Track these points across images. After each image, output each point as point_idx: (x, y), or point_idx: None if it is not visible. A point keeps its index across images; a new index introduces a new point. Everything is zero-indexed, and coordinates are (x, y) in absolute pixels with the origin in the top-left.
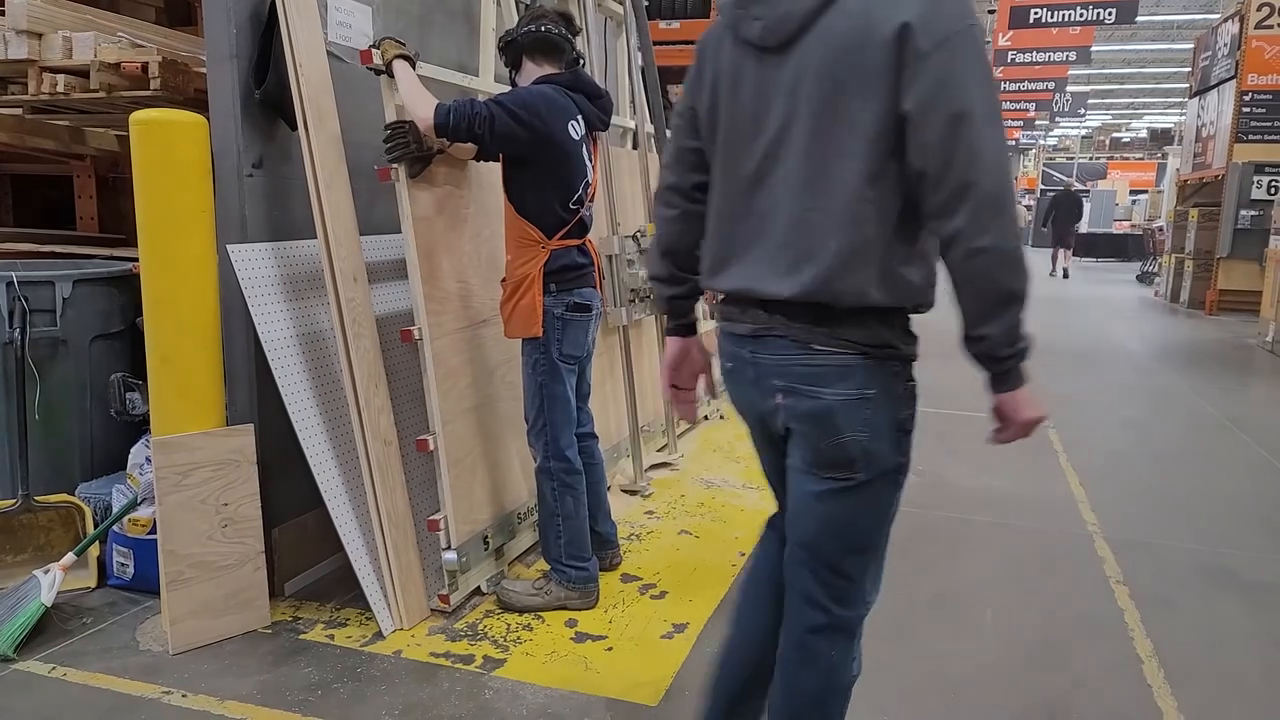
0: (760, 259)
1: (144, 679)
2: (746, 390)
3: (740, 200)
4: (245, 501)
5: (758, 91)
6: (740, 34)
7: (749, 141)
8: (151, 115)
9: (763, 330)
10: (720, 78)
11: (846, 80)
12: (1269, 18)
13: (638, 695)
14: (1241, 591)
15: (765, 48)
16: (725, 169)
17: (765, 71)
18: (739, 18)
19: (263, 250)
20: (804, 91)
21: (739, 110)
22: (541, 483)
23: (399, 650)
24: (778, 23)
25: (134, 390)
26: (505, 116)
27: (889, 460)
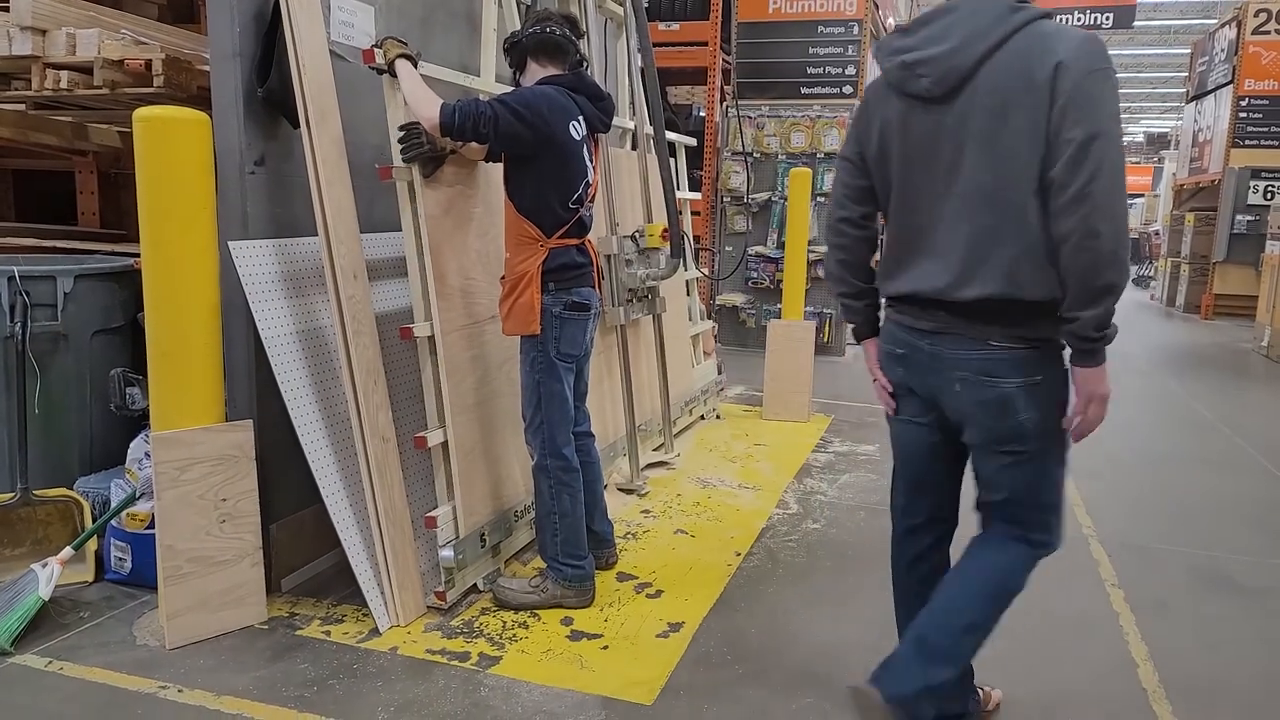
0: (941, 268)
1: (141, 674)
2: (922, 372)
3: (919, 221)
4: (243, 497)
5: (927, 132)
6: (906, 90)
7: (924, 173)
8: (155, 112)
9: (943, 328)
10: (889, 125)
11: (1009, 115)
12: (1266, 23)
13: (633, 694)
14: (1237, 595)
15: (931, 99)
16: (902, 197)
17: (932, 116)
18: (904, 78)
19: (264, 247)
20: (971, 128)
21: (911, 149)
22: (538, 480)
23: (395, 647)
24: (942, 78)
25: (134, 385)
26: (509, 116)
27: (1054, 433)
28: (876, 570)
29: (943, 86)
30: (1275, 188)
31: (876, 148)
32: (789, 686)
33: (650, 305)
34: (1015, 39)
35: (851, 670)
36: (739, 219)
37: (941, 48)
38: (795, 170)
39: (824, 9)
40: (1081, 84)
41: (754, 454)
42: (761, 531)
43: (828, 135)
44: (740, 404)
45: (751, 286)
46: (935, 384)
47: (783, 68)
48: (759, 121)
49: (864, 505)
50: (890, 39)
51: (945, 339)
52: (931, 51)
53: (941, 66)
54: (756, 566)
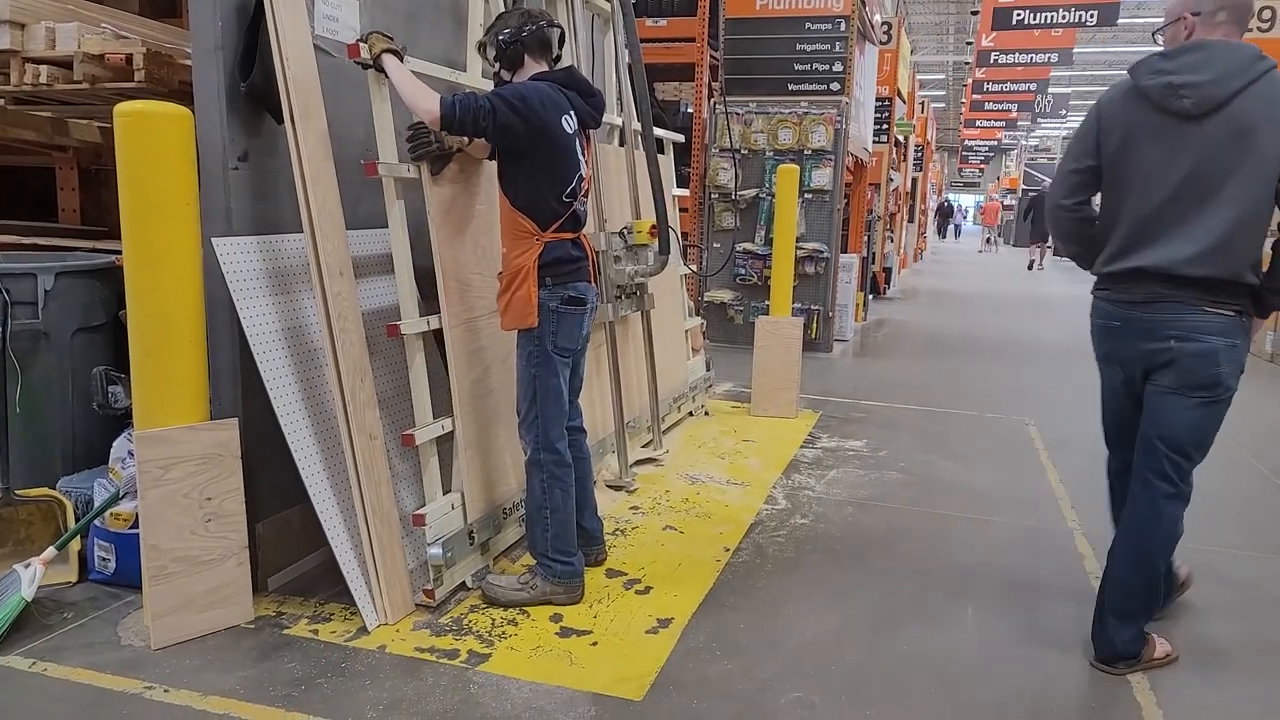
0: (1176, 248)
1: (125, 674)
2: (1131, 340)
3: (1155, 209)
4: (229, 496)
5: (1173, 143)
6: (1167, 106)
7: (1165, 174)
8: (136, 107)
9: (1158, 297)
10: (1137, 130)
11: (1253, 138)
12: None
13: (622, 690)
14: (1221, 589)
15: (1188, 116)
16: (1139, 191)
17: (1185, 129)
18: (1166, 95)
19: (248, 244)
20: (1219, 144)
21: (1158, 153)
22: (531, 474)
23: (383, 645)
24: (1201, 101)
25: (116, 384)
26: (506, 109)
27: (1233, 387)
28: (864, 565)
29: (1200, 109)
30: None
31: (1117, 148)
32: (777, 681)
33: (639, 302)
34: (1261, 81)
35: (840, 664)
36: (727, 215)
37: (1202, 77)
38: (783, 167)
39: (811, 6)
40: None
41: (742, 450)
42: (750, 527)
43: (815, 132)
44: (728, 400)
45: (739, 283)
46: (1145, 348)
47: (770, 64)
48: (746, 118)
49: (851, 500)
50: (1152, 60)
51: (1160, 306)
52: (1193, 79)
53: (1202, 92)
54: (745, 562)
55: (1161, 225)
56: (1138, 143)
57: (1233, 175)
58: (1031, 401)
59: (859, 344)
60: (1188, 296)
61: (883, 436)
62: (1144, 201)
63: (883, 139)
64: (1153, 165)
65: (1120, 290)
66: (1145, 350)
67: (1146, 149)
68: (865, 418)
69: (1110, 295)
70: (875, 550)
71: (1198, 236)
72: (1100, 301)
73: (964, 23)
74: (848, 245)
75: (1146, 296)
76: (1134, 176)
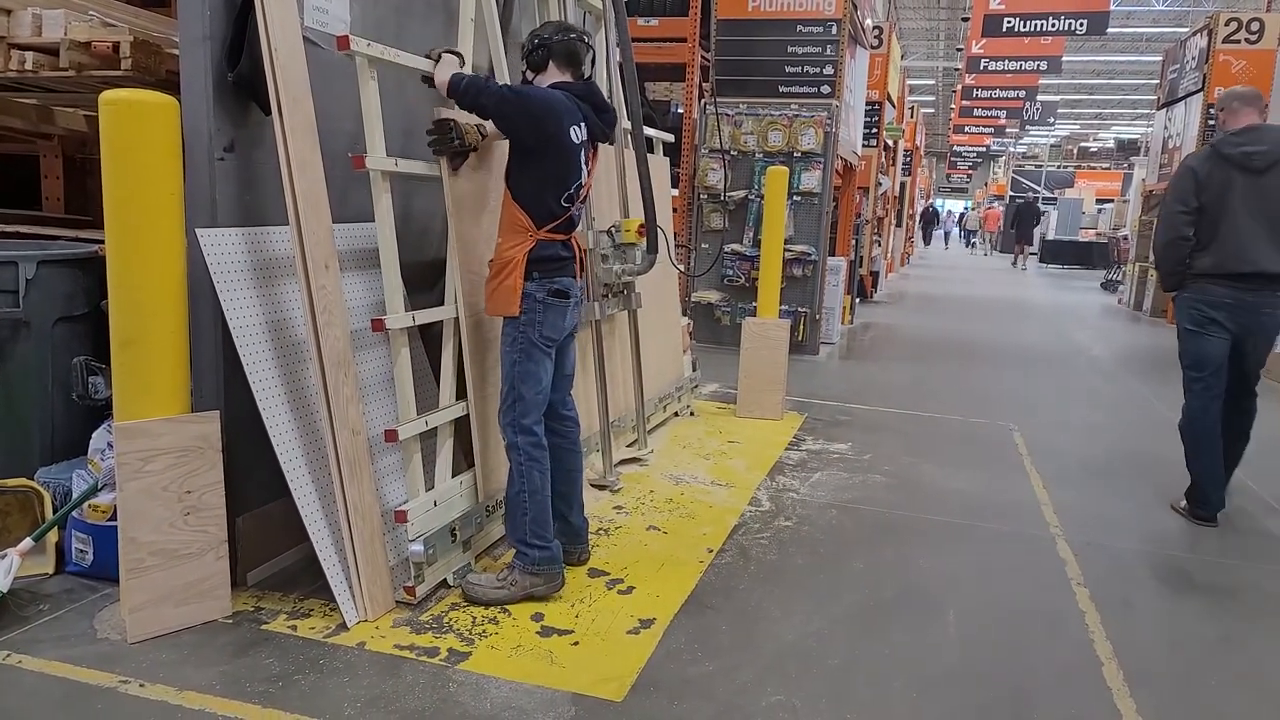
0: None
1: (101, 668)
2: (1243, 314)
3: (1243, 234)
4: (209, 489)
5: (1249, 190)
6: (1245, 165)
7: (1241, 211)
8: (121, 95)
9: (1259, 288)
10: (1225, 183)
11: None
12: (1236, 33)
13: (603, 690)
14: (1198, 594)
15: (1255, 171)
16: (1228, 223)
17: (1252, 180)
18: (1244, 159)
19: (233, 235)
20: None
21: (1239, 197)
22: (510, 458)
23: (363, 642)
24: (1263, 160)
25: (97, 374)
26: (512, 99)
27: None
28: (847, 568)
29: (1263, 165)
30: None
31: (1213, 196)
32: (759, 683)
33: (626, 301)
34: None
35: (822, 667)
36: (716, 216)
37: (1261, 148)
38: (773, 169)
39: (803, 8)
40: None
41: (727, 451)
42: (734, 529)
43: (805, 135)
44: (714, 401)
45: (727, 284)
46: (1245, 317)
47: (761, 66)
48: (737, 119)
49: (835, 503)
50: (1231, 139)
51: (1260, 294)
52: (1256, 149)
53: (1266, 158)
54: (728, 563)
55: (1241, 243)
56: (1225, 191)
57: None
58: (1016, 407)
59: (845, 347)
60: (1274, 286)
61: (868, 439)
62: (1235, 231)
63: (872, 143)
64: (1235, 205)
65: (1228, 283)
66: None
67: (1233, 194)
68: (850, 420)
69: (1220, 285)
70: (858, 553)
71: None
72: (1210, 286)
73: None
74: (836, 248)
75: (1251, 287)
76: (1222, 212)
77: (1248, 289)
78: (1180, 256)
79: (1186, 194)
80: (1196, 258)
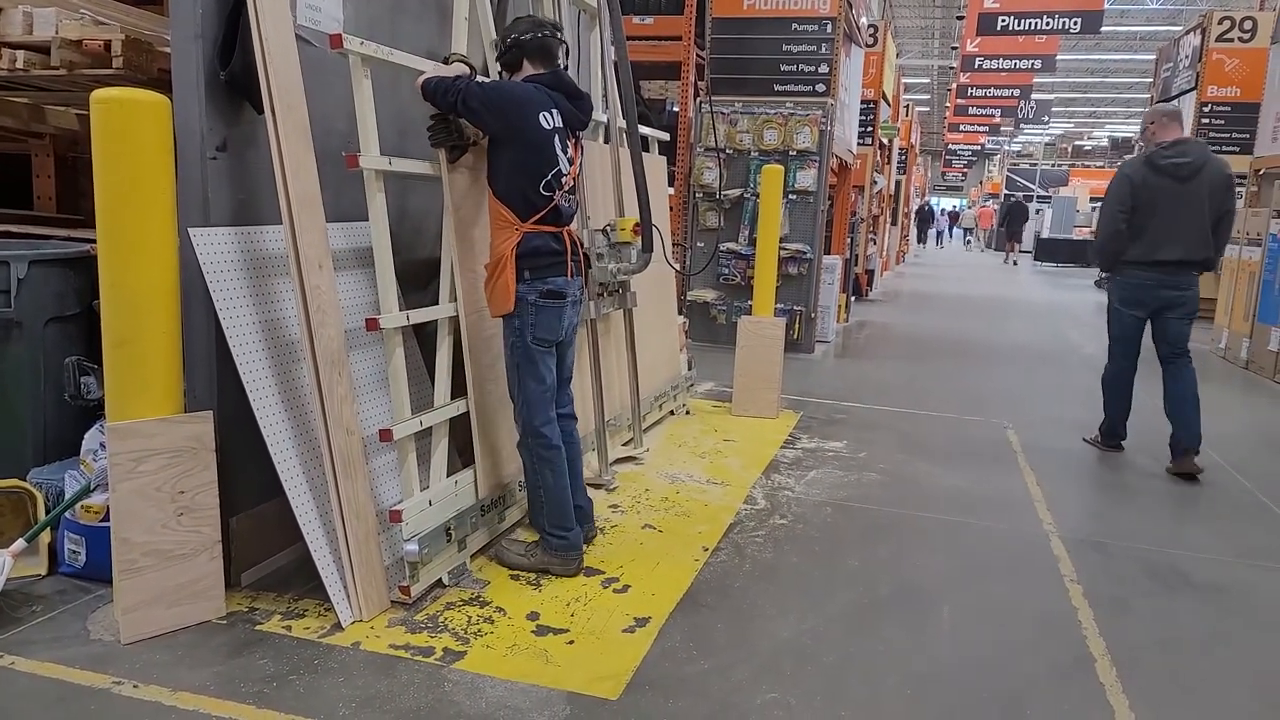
0: (1180, 248)
1: (94, 669)
2: (1163, 292)
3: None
4: (202, 490)
5: (1177, 193)
6: (1173, 174)
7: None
8: (112, 94)
9: (1176, 272)
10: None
11: (1208, 191)
12: (1229, 31)
13: (598, 689)
14: (1191, 592)
15: (1181, 179)
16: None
17: (1178, 186)
18: (1173, 169)
19: (226, 234)
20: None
21: (1168, 198)
22: (522, 456)
23: (357, 642)
24: (1188, 170)
25: (89, 374)
26: (478, 94)
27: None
28: (842, 566)
29: (1188, 174)
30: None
31: (1145, 199)
32: (754, 681)
33: (621, 300)
34: (1208, 163)
35: (817, 665)
36: (711, 215)
37: (1187, 159)
38: (768, 167)
39: (798, 6)
40: (1230, 186)
41: (723, 450)
42: (729, 527)
43: (800, 133)
44: (710, 400)
45: (723, 283)
46: (1164, 295)
47: (756, 64)
48: (732, 118)
49: (830, 501)
50: (1162, 151)
51: (1176, 276)
52: (1183, 160)
53: (1190, 168)
54: (724, 562)
55: (1168, 237)
56: (1156, 195)
57: (1201, 210)
58: (1010, 404)
59: (841, 345)
60: (1187, 270)
61: (863, 438)
62: (1158, 225)
63: (867, 141)
64: (1163, 205)
65: (1156, 269)
66: (1166, 299)
67: (1161, 198)
68: (846, 419)
69: (1150, 271)
70: (853, 551)
71: (1189, 241)
72: (1141, 272)
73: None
74: (831, 247)
75: (1171, 271)
76: (1153, 212)
77: (1165, 273)
78: (1119, 248)
79: (1124, 196)
80: (1129, 249)
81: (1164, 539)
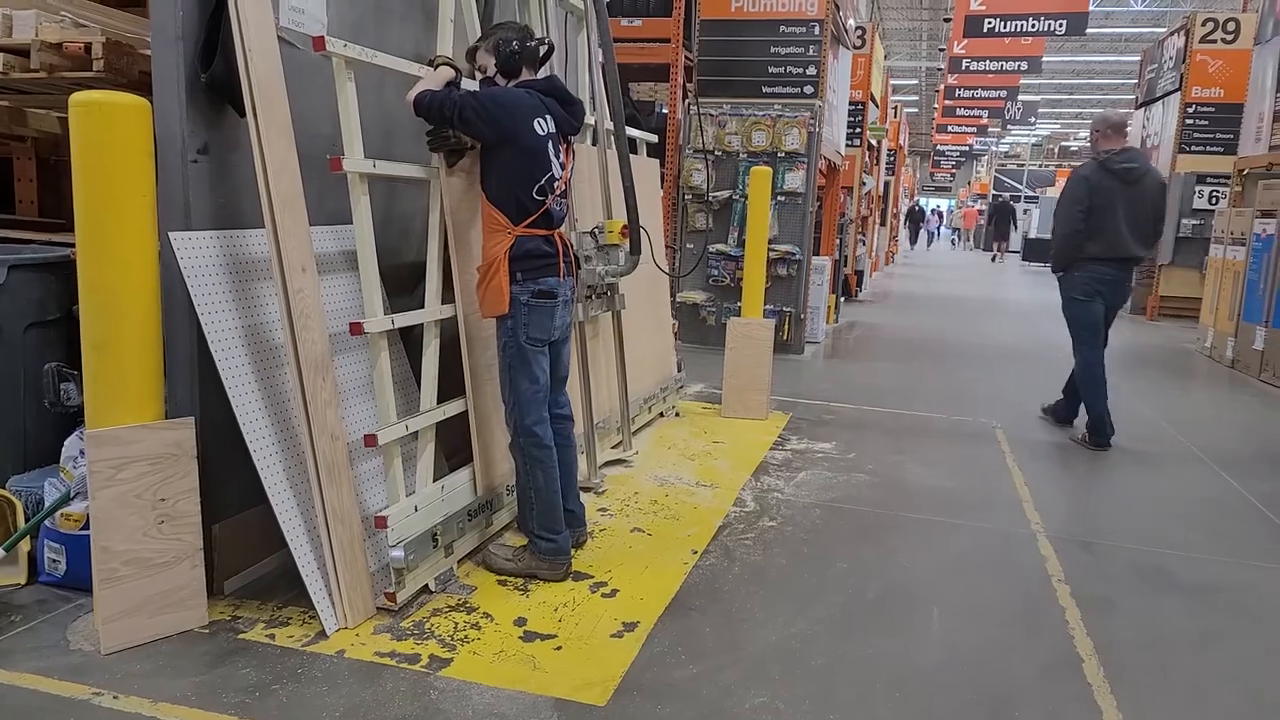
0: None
1: (74, 679)
2: (1116, 285)
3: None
4: (184, 497)
5: (1125, 196)
6: (1123, 178)
7: (1117, 213)
8: (92, 97)
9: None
10: (1108, 191)
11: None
12: (1213, 32)
13: (586, 695)
14: (1178, 591)
15: (1130, 183)
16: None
17: (1128, 189)
18: (1124, 173)
19: (207, 238)
20: (1141, 197)
21: (1117, 200)
22: (514, 457)
23: (342, 650)
24: (1136, 175)
25: (69, 381)
26: (474, 105)
27: None
28: (831, 568)
29: (1136, 178)
30: (1220, 193)
31: (1101, 200)
32: (743, 685)
33: (610, 302)
34: (1149, 171)
35: (805, 669)
36: (700, 217)
37: (1135, 165)
38: (756, 169)
39: (786, 9)
40: (1165, 192)
41: (712, 452)
42: (718, 530)
43: (789, 135)
44: (699, 401)
45: (712, 284)
46: (1115, 288)
47: (745, 66)
48: (721, 119)
49: (820, 503)
50: (1115, 157)
51: (1124, 271)
52: (1131, 165)
53: (1137, 172)
54: (713, 565)
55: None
56: (1108, 196)
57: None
58: (998, 403)
59: (830, 346)
60: (1129, 266)
61: (852, 438)
62: (1109, 224)
63: (856, 143)
64: (1116, 206)
65: (1110, 264)
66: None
67: (1116, 199)
68: (835, 420)
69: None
70: (842, 553)
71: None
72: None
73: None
74: (820, 248)
75: (1122, 266)
76: (1105, 212)
77: (1123, 268)
78: (1076, 245)
79: (1082, 197)
80: (1086, 246)
81: (1150, 538)
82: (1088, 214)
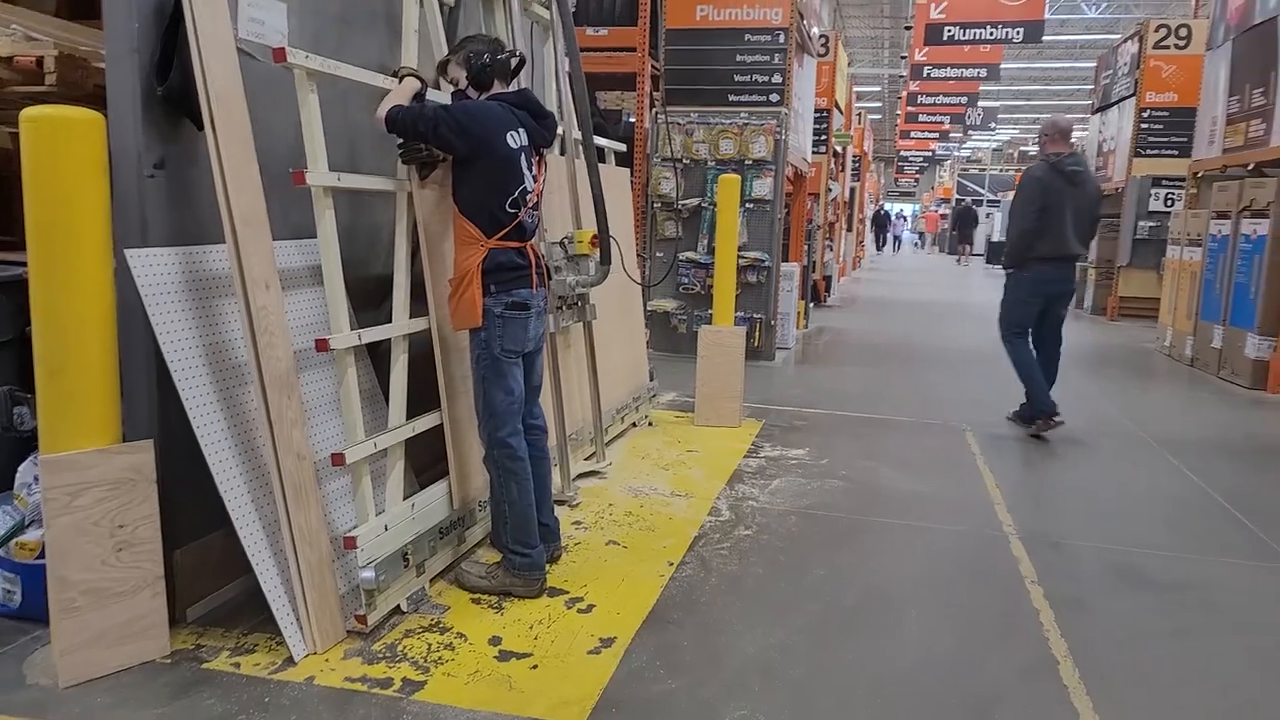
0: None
1: (32, 715)
2: (1059, 284)
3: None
4: (143, 523)
5: (1071, 197)
6: (1069, 179)
7: (1064, 213)
8: (43, 112)
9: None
10: (1057, 191)
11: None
12: (1166, 38)
13: (563, 714)
14: (1149, 590)
15: (1076, 185)
16: (1057, 220)
17: (1074, 190)
18: (1072, 176)
19: (165, 255)
20: (1084, 197)
21: (1065, 200)
22: (489, 469)
23: (311, 676)
24: (1081, 177)
25: (22, 404)
26: (449, 119)
27: None
28: (807, 576)
29: (1079, 182)
30: (1175, 195)
31: (1051, 200)
32: (722, 699)
33: (580, 313)
34: (1091, 173)
35: (785, 680)
36: (669, 225)
37: (1080, 168)
38: (724, 176)
39: (750, 18)
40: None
41: (686, 461)
42: (694, 540)
43: (756, 143)
44: (672, 410)
45: (682, 292)
46: (1060, 287)
47: (711, 75)
48: (688, 128)
49: (794, 510)
50: (1064, 160)
51: (1068, 270)
52: (1077, 168)
53: (1082, 175)
54: (689, 576)
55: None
56: (1057, 196)
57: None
58: (968, 406)
59: (801, 351)
60: (1072, 264)
61: (825, 444)
62: (1057, 224)
63: (821, 149)
64: (1064, 207)
65: (1055, 263)
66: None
67: (1064, 199)
68: (807, 425)
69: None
70: (817, 560)
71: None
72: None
73: (899, 37)
74: (789, 254)
75: (1066, 266)
76: (1053, 212)
77: (1066, 267)
78: (1030, 244)
79: (1035, 196)
80: (1035, 244)
81: (1121, 537)
82: (1040, 213)
